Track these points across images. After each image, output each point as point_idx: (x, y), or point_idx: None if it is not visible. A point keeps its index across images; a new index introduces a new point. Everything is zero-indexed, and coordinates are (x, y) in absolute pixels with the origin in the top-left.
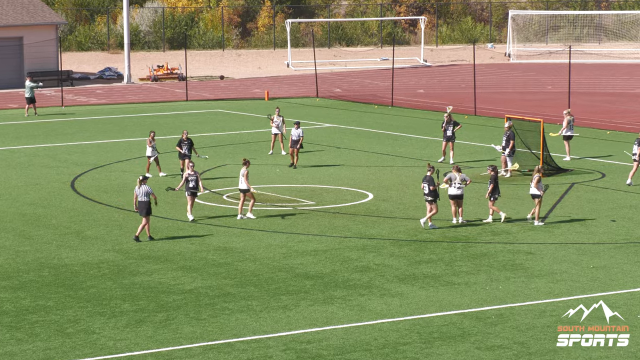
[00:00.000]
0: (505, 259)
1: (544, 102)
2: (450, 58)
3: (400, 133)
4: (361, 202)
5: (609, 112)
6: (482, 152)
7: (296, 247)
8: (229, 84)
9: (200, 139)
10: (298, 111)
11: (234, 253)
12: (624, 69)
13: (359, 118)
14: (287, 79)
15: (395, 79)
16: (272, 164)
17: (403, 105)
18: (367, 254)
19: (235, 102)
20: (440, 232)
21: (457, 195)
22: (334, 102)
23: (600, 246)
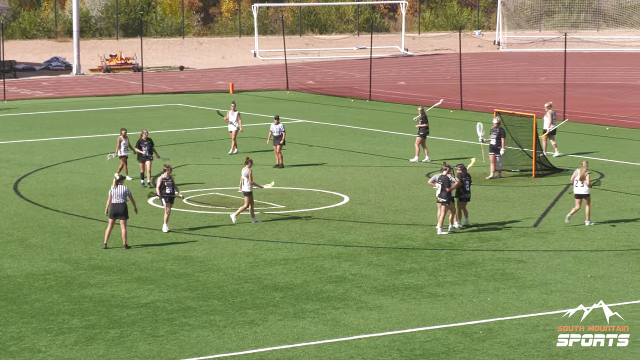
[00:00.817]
0: (494, 268)
1: (536, 95)
2: (434, 47)
3: (379, 129)
4: (336, 206)
5: (608, 106)
6: (469, 150)
7: (264, 256)
8: (189, 76)
9: (157, 136)
10: (266, 105)
11: (195, 263)
12: (624, 59)
13: (334, 113)
14: (254, 69)
15: (374, 70)
16: (238, 164)
17: (382, 99)
18: (342, 263)
19: (197, 95)
20: (423, 239)
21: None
22: (306, 95)
23: (599, 253)
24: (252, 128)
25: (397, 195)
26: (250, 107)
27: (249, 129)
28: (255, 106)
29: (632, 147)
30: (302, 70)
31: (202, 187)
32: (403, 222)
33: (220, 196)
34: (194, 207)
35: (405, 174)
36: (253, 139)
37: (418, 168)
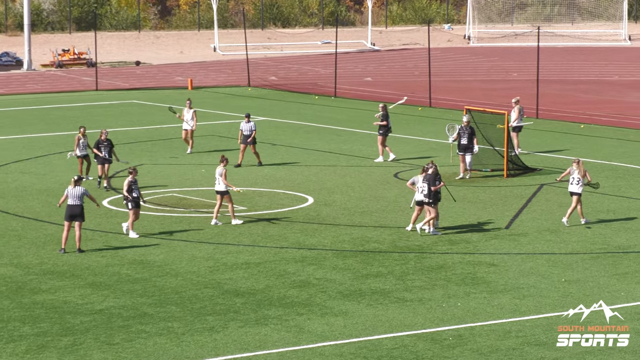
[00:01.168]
0: (464, 272)
1: (508, 92)
2: (402, 41)
3: (345, 127)
4: (300, 207)
5: (582, 103)
6: (438, 150)
7: (224, 260)
8: (146, 71)
9: (112, 134)
10: (227, 102)
11: (152, 267)
12: (600, 54)
13: (297, 110)
14: (213, 65)
15: (339, 66)
16: (197, 163)
17: (348, 96)
18: (306, 266)
19: (154, 91)
20: (390, 242)
21: (423, 202)
22: (268, 91)
23: (574, 257)
24: (212, 126)
25: (364, 196)
26: (210, 104)
27: (208, 127)
28: (215, 103)
29: (607, 145)
30: (264, 65)
31: (160, 187)
32: (370, 224)
33: (178, 197)
34: (151, 208)
35: (372, 174)
36: (212, 138)
37: (385, 168)
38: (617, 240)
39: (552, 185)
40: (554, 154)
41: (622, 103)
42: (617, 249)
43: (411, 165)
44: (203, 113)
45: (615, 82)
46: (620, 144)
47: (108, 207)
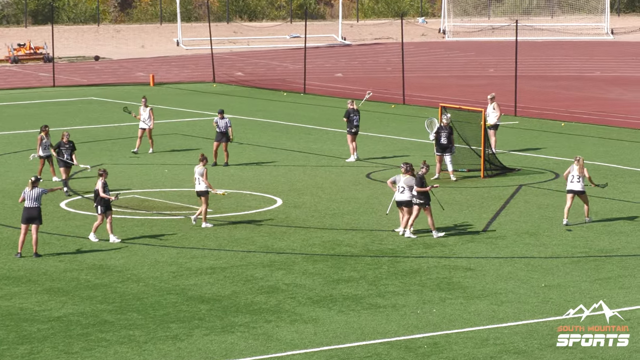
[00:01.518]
0: (440, 277)
1: (485, 88)
2: (374, 35)
3: (315, 126)
4: (268, 209)
5: (563, 100)
6: (412, 149)
7: (188, 265)
8: (105, 66)
9: (70, 133)
10: (190, 99)
11: (112, 272)
12: (581, 48)
13: (265, 107)
14: (177, 60)
15: (308, 61)
16: (159, 163)
17: (318, 92)
18: (274, 271)
19: (114, 88)
20: (363, 245)
21: (402, 202)
22: (234, 88)
23: (554, 261)
24: (175, 124)
25: (335, 197)
26: (173, 101)
27: (171, 126)
28: (178, 100)
29: (589, 144)
30: (229, 60)
31: (120, 189)
32: (341, 226)
33: (140, 199)
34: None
35: (343, 175)
36: (175, 136)
37: (357, 168)
38: (599, 243)
39: (531, 185)
40: (533, 154)
41: (604, 100)
42: (599, 252)
43: (384, 165)
44: (165, 111)
45: (597, 77)
46: (602, 142)
47: (66, 209)
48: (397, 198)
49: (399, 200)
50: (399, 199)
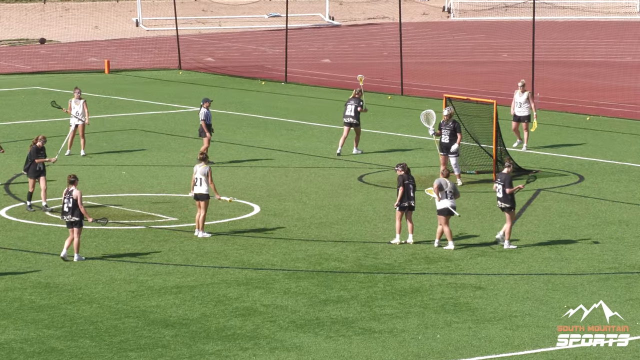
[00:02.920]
0: (444, 297)
1: (497, 76)
2: (367, 14)
3: (298, 120)
4: (243, 218)
5: (588, 90)
6: (412, 146)
7: (150, 283)
8: (52, 51)
9: (11, 128)
10: (152, 89)
11: (61, 291)
12: (609, 29)
13: (240, 99)
14: (136, 43)
15: (291, 44)
16: (116, 164)
17: (301, 81)
18: (251, 290)
19: (62, 76)
20: (354, 260)
21: (454, 207)
22: (203, 76)
23: (578, 278)
24: (135, 119)
25: (322, 204)
26: (132, 91)
27: (130, 120)
28: (139, 90)
29: (619, 141)
30: (198, 44)
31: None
32: (329, 238)
33: (93, 206)
34: (59, 220)
35: (331, 178)
36: (135, 133)
37: (347, 170)
38: (631, 257)
39: (551, 190)
40: (554, 152)
41: (636, 90)
42: (631, 268)
43: (379, 166)
44: (123, 102)
45: (629, 64)
46: (634, 139)
47: (7, 217)
48: (445, 205)
49: (443, 208)
50: (446, 206)
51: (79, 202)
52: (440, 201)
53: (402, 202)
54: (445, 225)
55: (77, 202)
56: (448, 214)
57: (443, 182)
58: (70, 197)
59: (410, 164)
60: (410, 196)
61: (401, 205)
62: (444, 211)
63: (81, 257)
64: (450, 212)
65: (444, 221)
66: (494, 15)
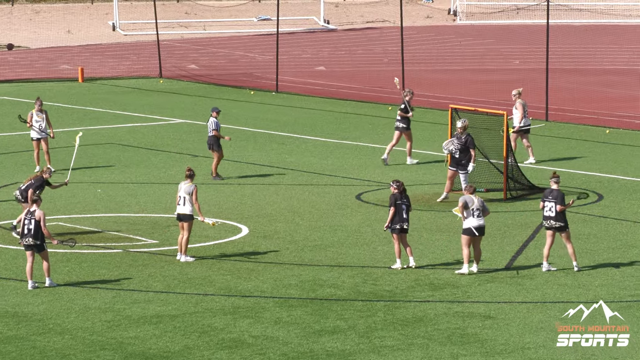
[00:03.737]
0: (451, 327)
1: (508, 85)
2: (366, 18)
3: (290, 133)
4: (230, 240)
5: (607, 100)
6: (415, 160)
7: (128, 312)
8: (21, 57)
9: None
10: (131, 99)
11: (30, 321)
12: (631, 34)
13: (226, 109)
14: (112, 48)
15: (282, 50)
16: (90, 181)
17: (293, 91)
18: (239, 320)
19: (31, 85)
20: (352, 286)
21: (481, 227)
22: (186, 85)
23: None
24: (111, 132)
25: (316, 225)
26: (108, 101)
27: (105, 133)
28: (115, 100)
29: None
30: (181, 49)
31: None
32: (324, 262)
33: (66, 227)
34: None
35: (326, 196)
36: (112, 147)
37: (344, 187)
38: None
39: (567, 210)
40: (570, 168)
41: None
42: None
43: (379, 183)
44: (98, 114)
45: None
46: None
47: None
48: (472, 224)
49: (473, 227)
50: (476, 225)
51: (42, 224)
52: (465, 220)
53: (394, 224)
54: (465, 246)
55: (39, 224)
56: (471, 234)
57: (469, 199)
58: (32, 217)
59: (413, 181)
60: (403, 218)
61: (392, 227)
62: (467, 231)
63: (53, 282)
64: (473, 233)
65: (466, 242)
66: (504, 18)
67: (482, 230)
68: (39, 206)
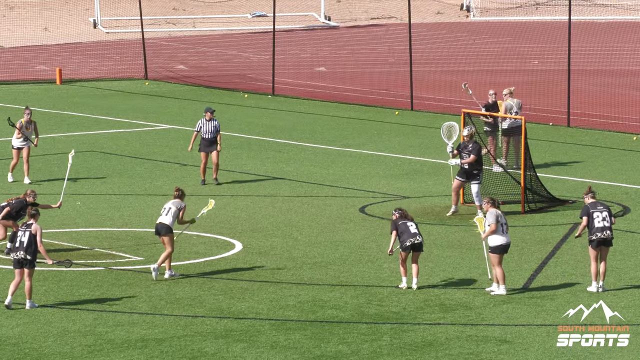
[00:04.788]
0: (463, 352)
1: (526, 87)
2: (370, 14)
3: (288, 140)
4: (223, 257)
5: (634, 104)
6: (424, 172)
7: (110, 335)
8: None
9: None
10: (113, 103)
11: (3, 345)
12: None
13: (218, 114)
14: (94, 47)
15: (279, 50)
16: (70, 192)
17: (291, 94)
18: (232, 344)
19: (6, 87)
20: (355, 307)
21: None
22: (174, 87)
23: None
24: (92, 138)
25: (316, 240)
26: (88, 105)
27: (85, 140)
28: (96, 104)
29: None
30: (168, 48)
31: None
32: (325, 281)
33: (43, 243)
34: (2, 259)
35: (327, 208)
36: (93, 155)
37: (346, 199)
38: None
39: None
40: (593, 179)
41: None
42: None
43: (384, 195)
44: (77, 119)
45: None
46: None
47: None
48: (502, 241)
49: (500, 245)
50: (504, 242)
51: (38, 240)
52: (492, 236)
53: (404, 242)
54: (498, 266)
55: (34, 238)
56: (503, 252)
57: (499, 214)
58: (27, 230)
59: (423, 192)
60: (412, 233)
61: (403, 246)
62: (498, 249)
63: (34, 304)
64: (504, 251)
65: (497, 261)
66: (522, 14)
67: (508, 248)
68: (37, 221)
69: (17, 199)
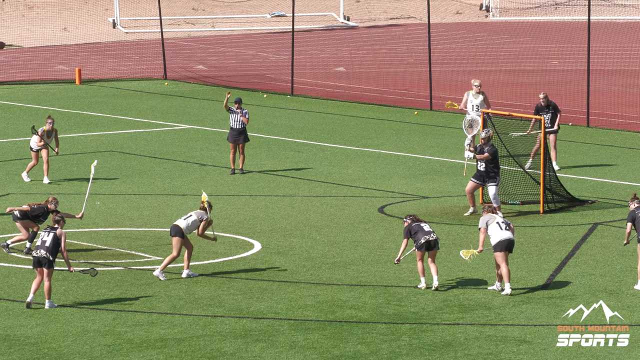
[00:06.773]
0: (483, 352)
1: (545, 88)
2: (389, 14)
3: (307, 140)
4: (241, 257)
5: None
6: (443, 172)
7: (130, 335)
8: (13, 57)
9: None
10: (133, 103)
11: (23, 345)
12: None
13: None
14: (113, 47)
15: (298, 50)
16: (91, 192)
17: (310, 94)
18: (251, 344)
19: (25, 86)
20: (374, 307)
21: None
22: (193, 87)
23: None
24: (112, 138)
25: (335, 240)
26: (108, 105)
27: (105, 140)
28: (116, 104)
29: None
30: (187, 49)
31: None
32: (344, 281)
33: (67, 242)
34: (21, 259)
35: (346, 208)
36: (113, 155)
37: (365, 199)
38: None
39: (610, 224)
40: (614, 179)
41: None
42: None
43: (403, 195)
44: (96, 119)
45: None
46: None
47: None
48: (503, 237)
49: (504, 240)
50: (506, 238)
51: (63, 246)
52: (492, 237)
53: (419, 240)
54: (502, 264)
55: (58, 240)
56: (506, 249)
57: (490, 217)
58: (51, 232)
59: (442, 192)
60: (426, 231)
61: (418, 244)
62: (497, 246)
63: (53, 304)
64: (507, 248)
65: (501, 259)
66: (541, 14)
67: (512, 245)
68: (62, 227)
69: (38, 205)
